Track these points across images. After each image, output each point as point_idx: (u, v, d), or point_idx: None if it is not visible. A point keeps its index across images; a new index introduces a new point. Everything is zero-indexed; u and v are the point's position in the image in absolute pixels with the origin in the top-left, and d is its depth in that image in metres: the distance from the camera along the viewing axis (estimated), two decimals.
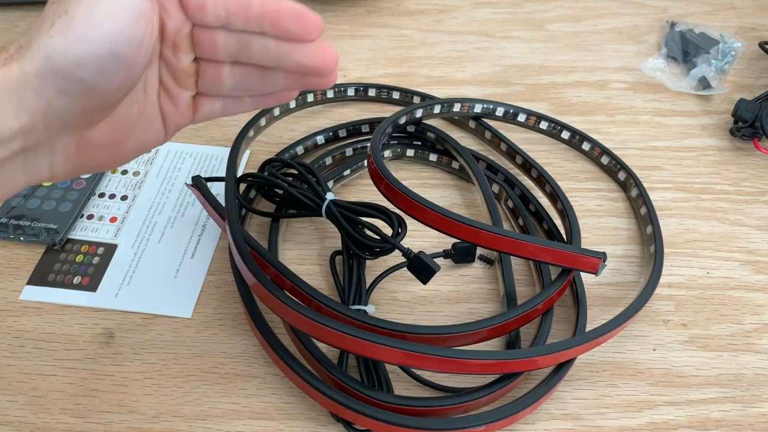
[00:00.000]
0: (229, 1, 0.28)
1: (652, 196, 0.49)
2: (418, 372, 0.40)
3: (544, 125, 0.54)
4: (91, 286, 0.45)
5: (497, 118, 0.54)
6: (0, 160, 0.26)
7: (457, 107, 0.52)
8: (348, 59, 0.62)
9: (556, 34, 0.65)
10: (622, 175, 0.51)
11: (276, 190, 0.45)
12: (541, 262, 0.43)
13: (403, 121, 0.49)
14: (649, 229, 0.47)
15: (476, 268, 0.46)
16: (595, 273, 0.39)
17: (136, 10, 0.25)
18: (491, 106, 0.53)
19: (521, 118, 0.53)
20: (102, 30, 0.24)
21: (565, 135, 0.53)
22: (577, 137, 0.53)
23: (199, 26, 0.29)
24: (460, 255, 0.45)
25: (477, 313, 0.44)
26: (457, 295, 0.45)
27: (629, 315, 0.40)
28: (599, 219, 0.49)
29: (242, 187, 0.48)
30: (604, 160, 0.52)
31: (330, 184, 0.49)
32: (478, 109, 0.53)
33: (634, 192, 0.50)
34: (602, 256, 0.39)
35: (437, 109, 0.51)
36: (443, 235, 0.39)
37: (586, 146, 0.53)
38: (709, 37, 0.62)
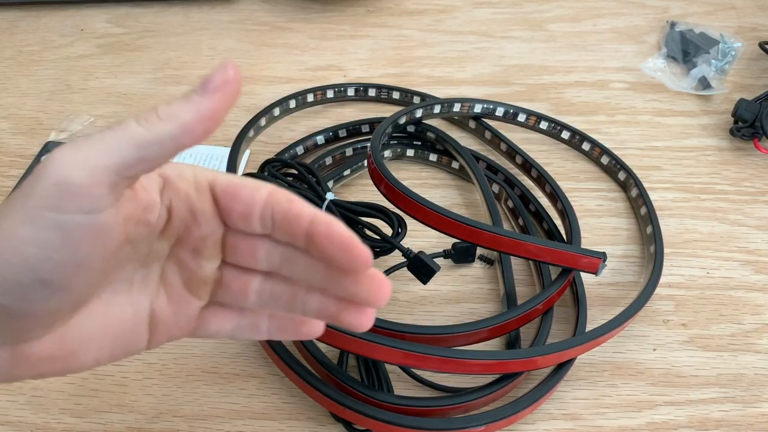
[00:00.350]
0: (277, 210, 0.23)
1: (652, 196, 0.49)
2: (418, 372, 0.40)
3: (544, 125, 0.54)
4: None
5: (497, 118, 0.54)
6: None
7: (457, 107, 0.52)
8: (348, 59, 0.62)
9: (556, 34, 0.65)
10: (622, 175, 0.51)
11: None
12: (541, 262, 0.43)
13: (403, 121, 0.49)
14: (649, 229, 0.47)
15: (476, 268, 0.46)
16: (595, 273, 0.39)
17: (73, 231, 0.20)
18: (491, 106, 0.53)
19: (521, 118, 0.53)
20: (22, 255, 0.20)
21: (565, 135, 0.53)
22: (577, 137, 0.53)
23: (236, 232, 0.25)
24: (460, 255, 0.45)
25: (477, 313, 0.44)
26: (457, 295, 0.45)
27: (629, 315, 0.40)
28: (599, 219, 0.49)
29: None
30: (604, 160, 0.52)
31: (330, 184, 0.49)
32: (478, 109, 0.53)
33: (634, 192, 0.50)
34: (602, 256, 0.39)
35: (437, 109, 0.51)
36: (443, 235, 0.39)
37: (586, 146, 0.53)
38: (709, 37, 0.62)
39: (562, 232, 0.46)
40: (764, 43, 0.61)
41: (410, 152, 0.52)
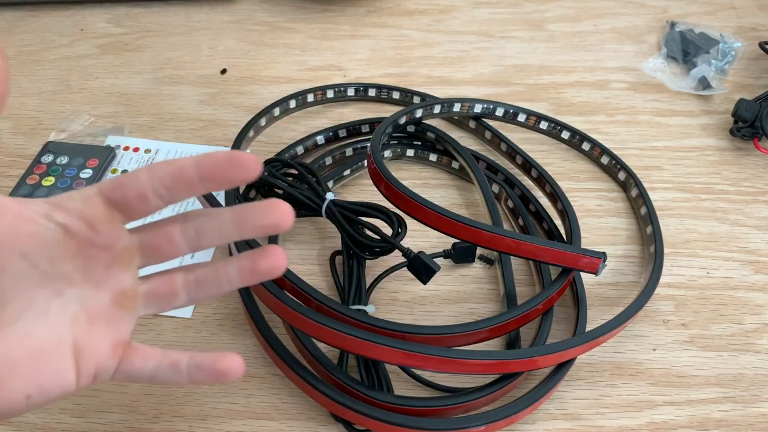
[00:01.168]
0: (163, 176, 0.26)
1: (652, 196, 0.49)
2: (418, 372, 0.40)
3: (544, 125, 0.54)
4: None
5: (497, 118, 0.54)
6: None
7: (457, 107, 0.52)
8: (348, 59, 0.62)
9: (556, 34, 0.65)
10: (622, 175, 0.51)
11: (276, 190, 0.45)
12: (541, 262, 0.43)
13: (403, 120, 0.49)
14: (649, 229, 0.47)
15: (476, 268, 0.46)
16: (595, 273, 0.39)
17: None
18: (491, 106, 0.53)
19: (521, 118, 0.53)
20: None
21: (565, 135, 0.53)
22: (577, 137, 0.53)
23: (150, 232, 0.27)
24: (460, 255, 0.45)
25: (477, 313, 0.44)
26: (457, 295, 0.45)
27: (629, 315, 0.40)
28: (599, 219, 0.49)
29: (242, 187, 0.48)
30: (604, 160, 0.52)
31: (330, 184, 0.49)
32: (478, 109, 0.53)
33: (634, 192, 0.50)
34: (602, 256, 0.39)
35: (437, 109, 0.51)
36: (443, 235, 0.39)
37: (586, 146, 0.53)
38: (709, 37, 0.62)
39: (562, 232, 0.46)
40: (764, 43, 0.61)
41: (410, 152, 0.52)
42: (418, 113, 0.51)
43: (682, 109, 0.57)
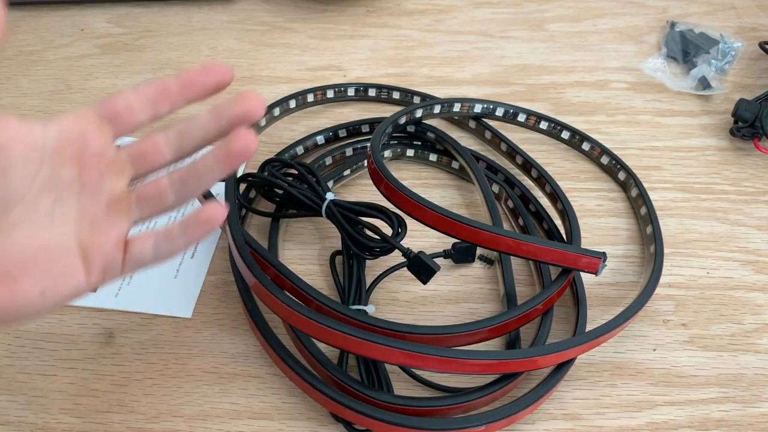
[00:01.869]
0: (148, 90, 0.29)
1: (652, 196, 0.49)
2: (418, 372, 0.40)
3: (544, 125, 0.54)
4: None
5: (497, 118, 0.54)
6: None
7: (457, 107, 0.52)
8: (348, 59, 0.62)
9: (556, 34, 0.65)
10: (622, 175, 0.51)
11: (276, 190, 0.45)
12: (541, 262, 0.43)
13: (403, 121, 0.49)
14: (649, 229, 0.47)
15: (476, 268, 0.46)
16: (595, 273, 0.39)
17: None
18: (491, 106, 0.53)
19: (521, 118, 0.53)
20: None
21: (565, 135, 0.53)
22: (577, 137, 0.53)
23: (136, 144, 0.30)
24: (460, 255, 0.45)
25: (477, 313, 0.44)
26: (457, 295, 0.45)
27: (629, 315, 0.40)
28: (599, 219, 0.49)
29: (242, 187, 0.48)
30: (604, 160, 0.52)
31: (330, 184, 0.49)
32: (478, 109, 0.53)
33: (634, 192, 0.50)
34: (602, 256, 0.39)
35: (437, 109, 0.51)
36: (443, 235, 0.39)
37: (586, 146, 0.53)
38: (709, 37, 0.62)
39: (562, 232, 0.46)
40: (764, 43, 0.61)
41: (410, 152, 0.52)
42: (418, 113, 0.51)
43: (682, 109, 0.57)
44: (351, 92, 0.57)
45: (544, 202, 0.48)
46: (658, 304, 0.44)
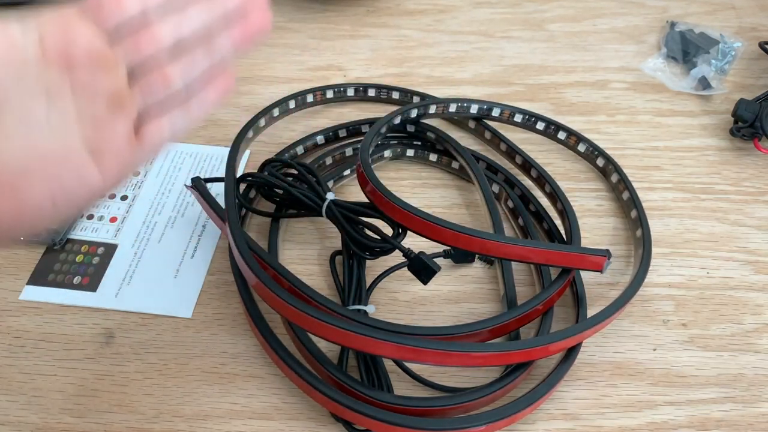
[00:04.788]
0: None
1: (653, 195, 0.49)
2: (419, 371, 0.40)
3: (540, 126, 0.53)
4: (91, 286, 0.45)
5: (494, 119, 0.54)
6: None
7: (453, 107, 0.52)
8: (348, 59, 0.62)
9: (556, 34, 0.65)
10: (600, 162, 0.51)
11: (276, 190, 0.45)
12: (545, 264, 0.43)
13: (397, 121, 0.49)
14: (633, 213, 0.47)
15: (476, 268, 0.46)
16: (601, 271, 0.39)
17: None
18: (487, 107, 0.53)
19: (518, 118, 0.53)
20: None
21: (562, 135, 0.53)
22: (553, 127, 0.53)
23: (131, 35, 0.27)
24: (460, 255, 0.45)
25: (477, 313, 0.44)
26: (457, 295, 0.45)
27: (621, 304, 0.39)
28: (599, 219, 0.49)
29: (242, 187, 0.48)
30: (581, 147, 0.52)
31: (330, 184, 0.49)
32: (474, 109, 0.53)
33: (614, 178, 0.50)
34: (606, 254, 0.39)
35: (432, 109, 0.51)
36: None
37: (562, 135, 0.53)
38: (709, 37, 0.62)
39: (562, 232, 0.46)
40: (764, 43, 0.61)
41: (410, 152, 0.52)
42: (413, 113, 0.50)
43: (682, 109, 0.57)
44: (351, 92, 0.57)
45: (544, 202, 0.48)
46: (658, 304, 0.44)
